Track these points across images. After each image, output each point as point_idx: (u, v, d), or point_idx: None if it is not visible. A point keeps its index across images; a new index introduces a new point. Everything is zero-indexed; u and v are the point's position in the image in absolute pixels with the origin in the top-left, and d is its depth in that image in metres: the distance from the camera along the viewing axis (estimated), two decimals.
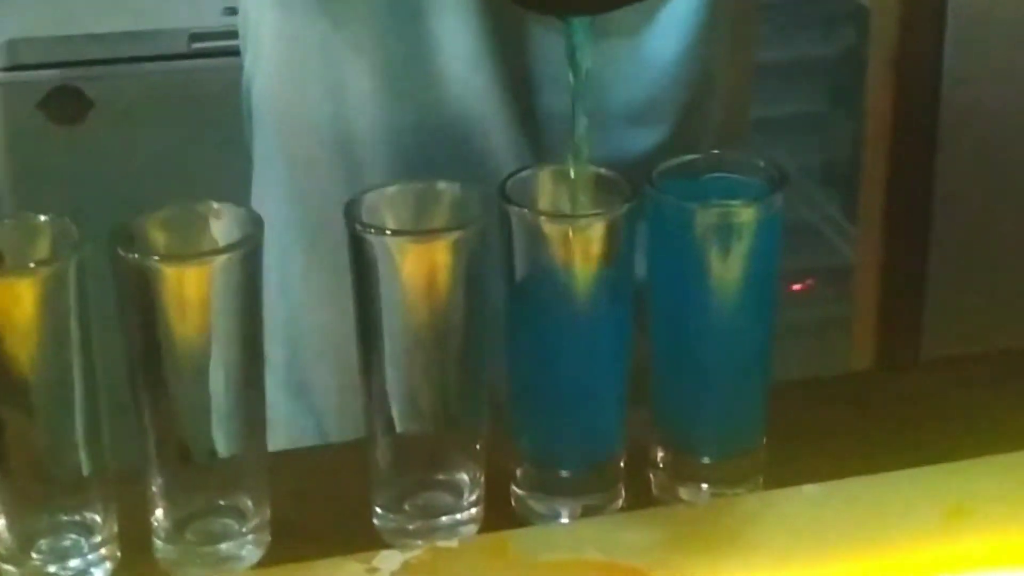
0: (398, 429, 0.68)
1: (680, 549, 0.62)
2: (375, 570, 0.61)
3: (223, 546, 0.67)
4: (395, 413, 0.68)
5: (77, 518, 0.66)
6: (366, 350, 0.67)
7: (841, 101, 1.71)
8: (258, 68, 0.89)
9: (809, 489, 0.65)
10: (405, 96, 0.82)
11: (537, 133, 0.84)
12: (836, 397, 0.78)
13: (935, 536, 0.62)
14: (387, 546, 0.65)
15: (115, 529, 0.67)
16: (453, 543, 0.62)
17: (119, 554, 0.67)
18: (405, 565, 0.61)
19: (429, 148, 0.83)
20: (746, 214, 0.66)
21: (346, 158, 0.85)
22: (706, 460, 0.71)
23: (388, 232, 0.65)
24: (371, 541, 0.68)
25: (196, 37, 1.69)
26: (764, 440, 0.72)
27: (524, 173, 0.67)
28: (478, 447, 0.69)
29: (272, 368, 0.79)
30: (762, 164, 0.68)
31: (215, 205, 0.65)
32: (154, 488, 0.66)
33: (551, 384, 0.68)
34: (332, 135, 0.84)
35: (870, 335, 1.48)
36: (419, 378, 0.67)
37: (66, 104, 1.73)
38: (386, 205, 0.66)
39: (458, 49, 0.81)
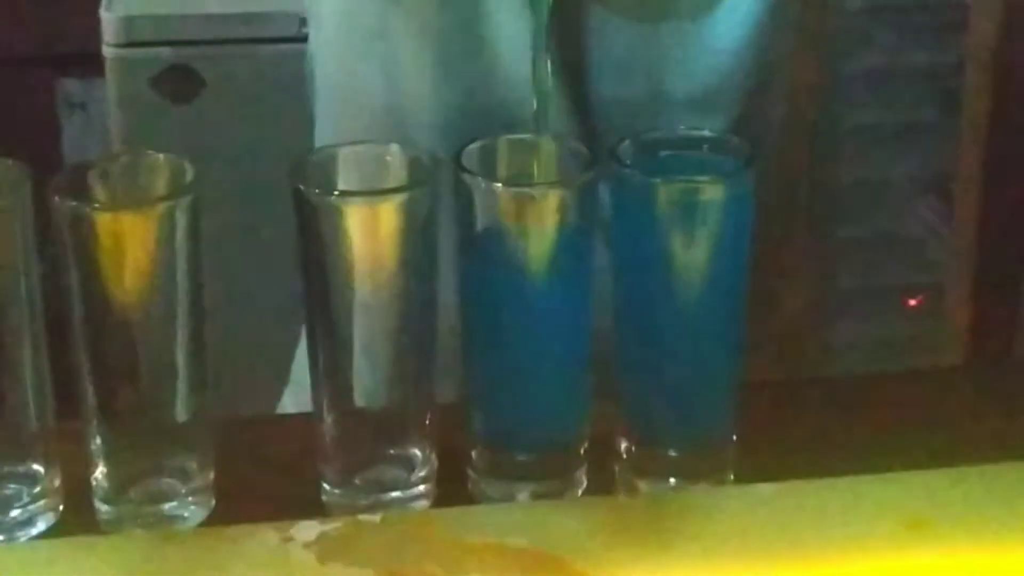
0: (347, 400, 0.66)
1: (611, 540, 0.59)
2: (290, 539, 0.59)
3: (165, 506, 0.66)
4: (344, 383, 0.66)
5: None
6: (312, 317, 0.65)
7: (949, 110, 1.64)
8: (318, 46, 0.90)
9: (763, 488, 0.62)
10: (458, 76, 0.81)
11: (591, 119, 0.82)
12: (827, 399, 0.74)
13: (886, 547, 0.58)
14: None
15: (56, 483, 0.67)
16: (375, 517, 0.60)
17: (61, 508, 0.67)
18: (322, 536, 0.59)
19: (480, 129, 0.83)
20: (713, 191, 0.63)
21: (398, 137, 0.84)
22: (672, 453, 0.68)
23: (335, 193, 0.63)
24: (320, 513, 0.66)
25: (306, 22, 1.70)
26: (733, 435, 0.68)
27: (483, 142, 0.65)
28: (428, 421, 0.67)
29: None
30: (735, 142, 0.65)
31: None
32: (94, 446, 0.66)
33: (504, 360, 0.66)
34: (385, 113, 0.83)
35: (962, 342, 1.42)
36: (367, 347, 0.66)
37: (179, 82, 1.76)
38: (335, 166, 0.64)
39: (514, 31, 0.80)
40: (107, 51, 1.75)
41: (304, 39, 1.78)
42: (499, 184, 0.62)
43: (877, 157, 1.64)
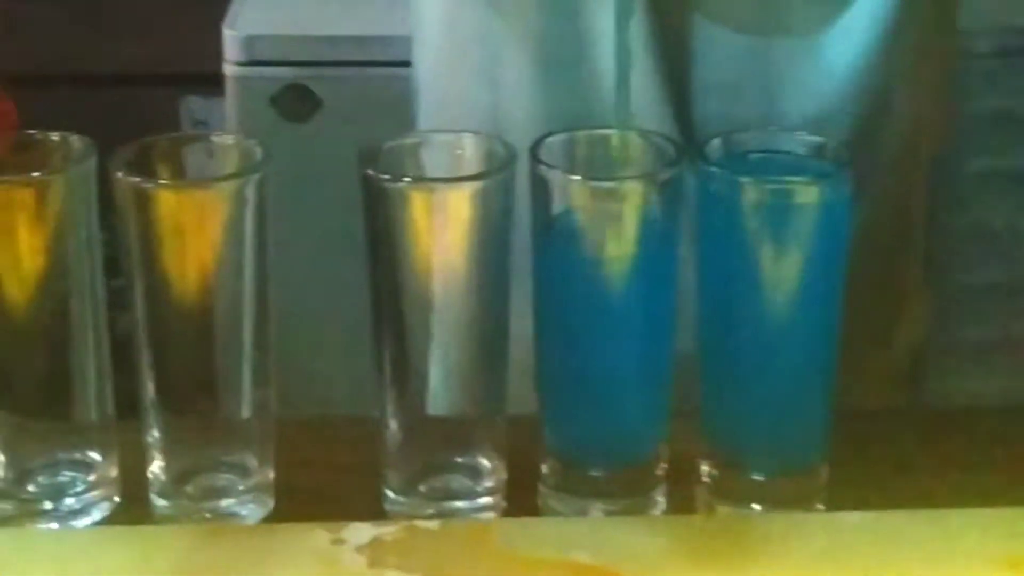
0: (414, 403, 0.63)
1: (682, 561, 0.55)
2: (341, 541, 0.56)
3: (222, 503, 0.64)
4: (411, 386, 0.63)
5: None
6: (379, 313, 0.62)
7: None
8: (420, 52, 0.89)
9: (851, 516, 0.57)
10: (559, 88, 0.79)
11: (692, 136, 0.79)
12: (922, 430, 0.70)
13: None
14: None
15: (113, 474, 0.65)
16: (433, 523, 0.57)
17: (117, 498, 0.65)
18: (375, 540, 0.56)
19: None
20: (807, 193, 0.59)
21: None
22: (757, 477, 0.64)
23: (405, 180, 0.60)
24: (380, 516, 0.63)
25: None
26: (825, 460, 0.64)
27: (563, 134, 0.62)
28: (498, 428, 0.64)
29: None
30: (833, 145, 0.61)
31: None
32: (151, 437, 0.63)
33: (579, 367, 0.62)
34: (485, 117, 0.81)
35: None
36: (436, 348, 0.63)
37: (296, 102, 1.76)
38: (408, 155, 0.62)
39: (616, 45, 0.77)
40: (228, 69, 1.76)
41: None
42: (577, 176, 0.59)
43: (999, 203, 1.58)
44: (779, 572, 0.55)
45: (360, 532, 0.56)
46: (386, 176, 0.59)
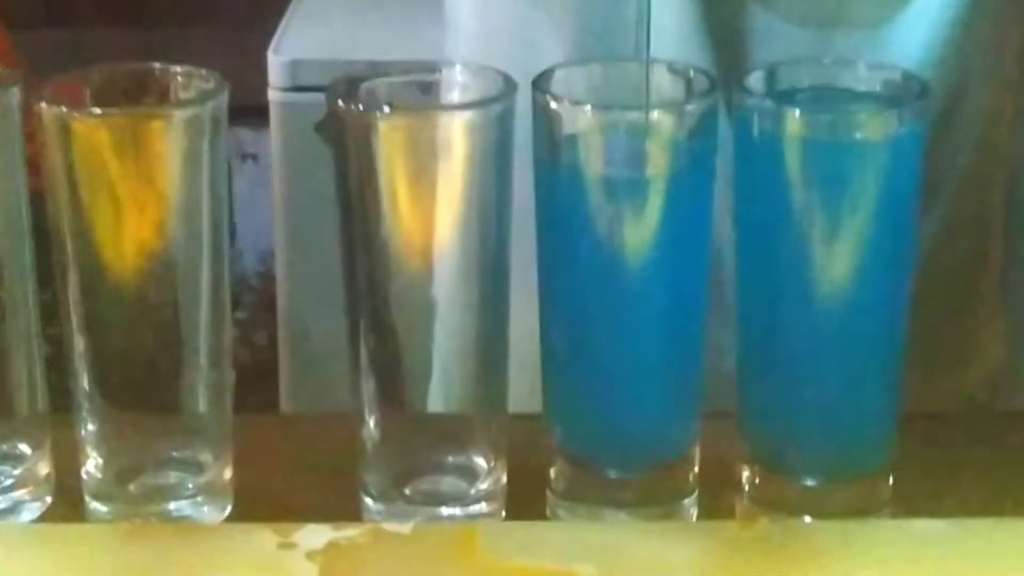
0: (395, 394, 0.53)
1: (714, 573, 0.44)
2: (291, 545, 0.46)
3: (171, 506, 0.54)
4: (392, 373, 0.53)
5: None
6: (352, 281, 0.52)
7: None
8: (454, 46, 0.82)
9: (920, 524, 0.46)
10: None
11: None
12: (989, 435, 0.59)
13: None
14: None
15: (45, 471, 0.55)
16: (404, 527, 0.46)
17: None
18: (331, 546, 0.45)
19: None
20: (871, 127, 0.48)
21: None
22: (808, 483, 0.53)
23: (380, 110, 0.49)
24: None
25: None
26: (889, 463, 0.53)
27: (574, 66, 0.52)
28: (497, 423, 0.53)
29: None
30: (900, 74, 0.50)
31: None
32: (85, 431, 0.53)
33: (592, 350, 0.52)
34: (521, 115, 0.74)
35: None
36: (421, 322, 0.53)
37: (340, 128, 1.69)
38: (390, 91, 0.52)
39: (662, 33, 0.69)
40: (272, 95, 1.71)
41: None
42: (587, 106, 0.49)
43: None
44: None
45: (315, 535, 0.46)
46: (359, 107, 0.49)
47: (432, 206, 0.51)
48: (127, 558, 0.46)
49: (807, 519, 0.52)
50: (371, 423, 0.54)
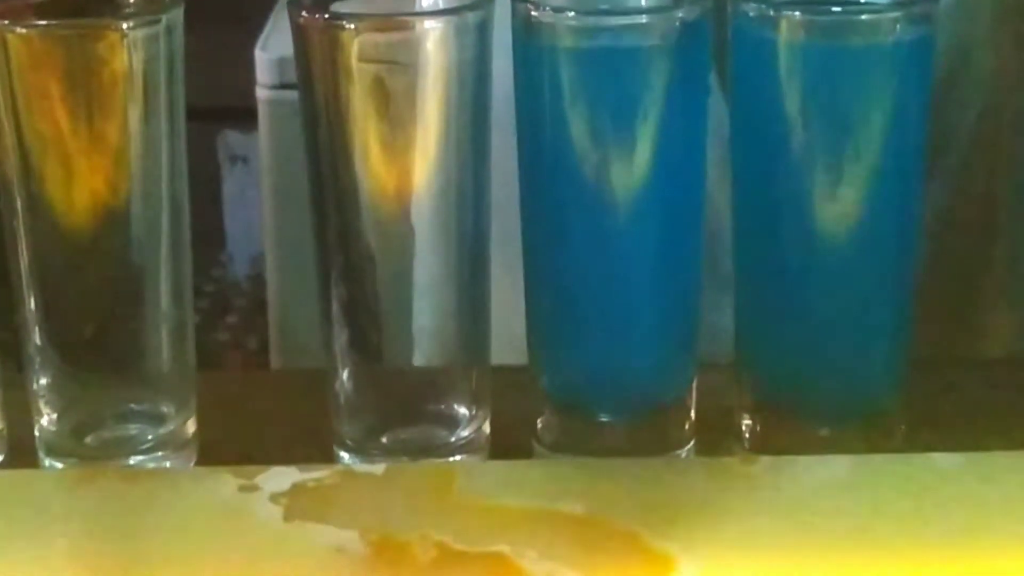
0: (369, 341, 0.50)
1: (713, 512, 0.40)
2: (253, 488, 0.42)
3: (132, 461, 0.50)
4: (364, 319, 0.50)
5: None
6: (321, 218, 0.48)
7: None
8: None
9: (935, 458, 0.43)
10: None
11: None
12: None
13: None
14: None
15: None
16: (377, 468, 0.43)
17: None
18: (296, 487, 0.42)
19: None
20: (878, 31, 0.44)
21: None
22: (813, 428, 0.49)
23: (347, 19, 0.45)
24: None
25: None
26: (900, 408, 0.49)
27: None
28: (479, 370, 0.50)
29: None
30: None
31: None
32: (36, 385, 0.50)
33: (577, 282, 0.48)
34: None
35: None
36: (395, 260, 0.49)
37: None
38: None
39: None
40: (260, 92, 1.67)
41: None
42: (570, 13, 0.45)
43: None
44: (847, 520, 0.41)
45: (279, 478, 0.42)
46: (322, 15, 0.46)
47: (408, 127, 0.47)
48: (79, 504, 0.43)
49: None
50: (344, 375, 0.50)
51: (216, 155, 1.95)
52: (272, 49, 1.65)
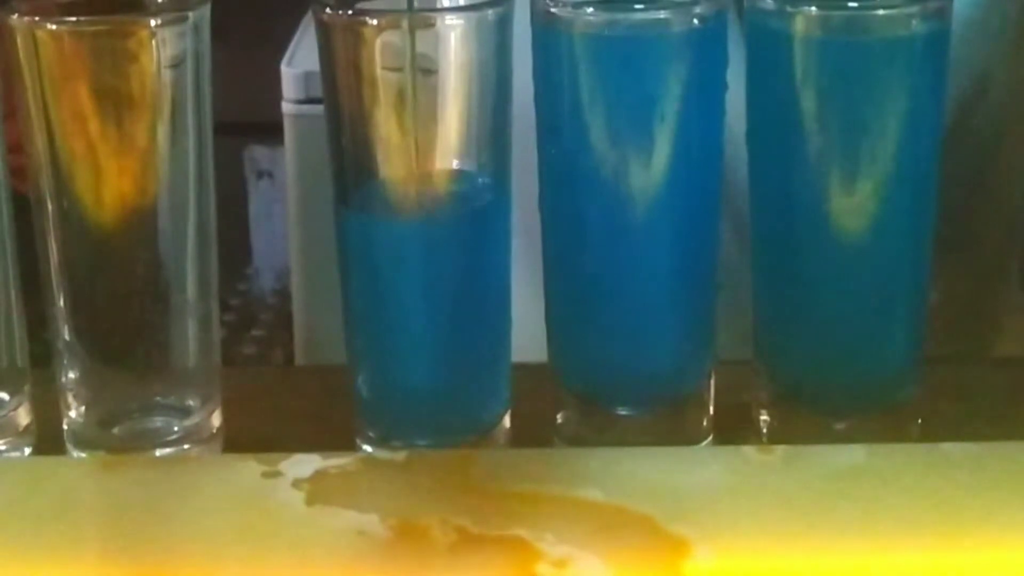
0: (385, 342, 0.50)
1: (729, 499, 0.41)
2: (276, 474, 0.43)
3: (158, 452, 0.51)
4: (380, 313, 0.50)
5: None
6: (343, 228, 0.49)
7: None
8: None
9: (947, 447, 0.43)
10: None
11: None
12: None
13: None
14: None
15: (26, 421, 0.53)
16: (399, 455, 0.44)
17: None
18: (319, 474, 0.42)
19: None
20: (894, 27, 0.45)
21: None
22: (830, 421, 0.50)
23: (371, 15, 0.46)
24: None
25: None
26: (915, 401, 0.50)
27: None
28: (503, 367, 0.50)
29: None
30: None
31: None
32: (66, 378, 0.50)
33: (595, 275, 0.48)
34: None
35: None
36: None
37: None
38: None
39: None
40: (286, 107, 1.68)
41: None
42: (589, 9, 0.46)
43: None
44: (861, 508, 0.41)
45: (302, 464, 0.43)
46: (345, 12, 0.47)
47: (429, 123, 0.48)
48: (107, 489, 0.44)
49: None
50: (364, 370, 0.51)
51: (242, 170, 1.96)
52: (298, 64, 1.66)
